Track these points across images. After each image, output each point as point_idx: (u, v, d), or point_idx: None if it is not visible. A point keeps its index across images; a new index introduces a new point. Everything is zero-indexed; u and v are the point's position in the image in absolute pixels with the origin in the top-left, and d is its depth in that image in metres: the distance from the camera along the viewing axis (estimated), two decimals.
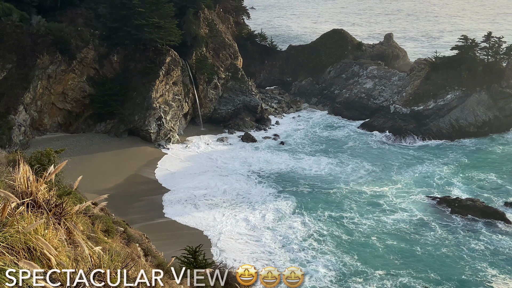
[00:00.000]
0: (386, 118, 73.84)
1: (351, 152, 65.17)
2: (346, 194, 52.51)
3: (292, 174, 57.83)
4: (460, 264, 40.11)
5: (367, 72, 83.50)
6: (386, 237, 44.12)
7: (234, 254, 41.35)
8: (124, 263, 6.73)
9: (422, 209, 49.54)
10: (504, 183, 55.83)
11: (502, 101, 72.69)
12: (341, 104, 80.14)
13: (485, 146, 67.51)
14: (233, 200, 51.09)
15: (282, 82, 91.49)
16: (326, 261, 40.42)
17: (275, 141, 69.07)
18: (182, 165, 59.51)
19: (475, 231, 45.42)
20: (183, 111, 69.94)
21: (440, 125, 71.46)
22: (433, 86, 74.34)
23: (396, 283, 37.70)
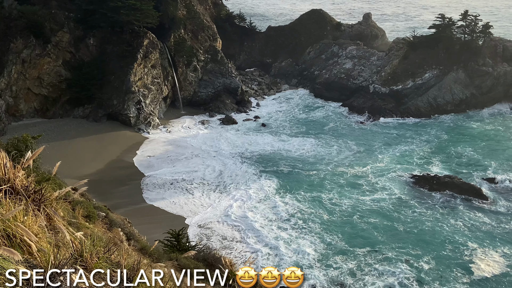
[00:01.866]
0: (366, 98, 74.37)
1: (333, 132, 65.73)
2: (328, 175, 53.04)
3: (275, 156, 58.08)
4: (440, 239, 41.12)
5: (347, 53, 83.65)
6: (367, 215, 44.85)
7: (217, 236, 41.58)
8: (106, 247, 6.71)
9: (402, 187, 50.39)
10: (480, 158, 57.10)
11: (479, 79, 73.75)
12: (321, 85, 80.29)
13: (461, 123, 68.74)
14: (215, 182, 51.16)
15: (262, 64, 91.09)
16: (310, 240, 40.97)
17: (256, 123, 69.06)
18: (163, 149, 59.16)
19: (453, 207, 46.47)
20: (163, 95, 69.24)
21: (419, 104, 72.34)
22: (411, 66, 74.98)
23: (379, 258, 38.54)
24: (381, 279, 36.17)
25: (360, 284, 35.68)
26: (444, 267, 37.50)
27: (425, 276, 36.46)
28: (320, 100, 78.04)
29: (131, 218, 32.44)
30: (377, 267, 37.47)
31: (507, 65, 74.60)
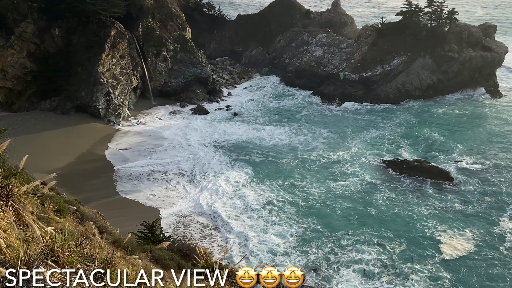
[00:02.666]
0: (336, 86, 75.04)
1: (306, 120, 66.25)
2: (301, 162, 53.50)
3: (248, 145, 58.18)
4: (411, 222, 42.15)
5: (316, 40, 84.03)
6: (340, 201, 45.53)
7: (192, 226, 41.50)
8: (78, 241, 6.61)
9: (372, 172, 51.28)
10: (447, 142, 58.61)
11: (445, 65, 75.29)
12: (292, 73, 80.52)
13: (429, 108, 70.24)
14: (189, 172, 50.95)
15: (233, 53, 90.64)
16: (285, 226, 41.37)
17: (228, 112, 68.88)
18: (134, 140, 58.41)
19: (422, 190, 47.62)
20: (132, 85, 68.17)
21: (388, 90, 73.48)
22: (380, 52, 75.92)
23: (353, 241, 39.32)
24: (355, 261, 36.89)
25: (334, 267, 36.31)
26: (415, 248, 38.52)
27: (396, 258, 37.36)
28: (291, 88, 78.37)
29: (104, 211, 32.02)
30: (351, 250, 38.21)
31: (472, 50, 76.34)
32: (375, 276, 35.53)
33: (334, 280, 35.11)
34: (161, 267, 11.15)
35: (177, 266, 11.60)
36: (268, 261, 36.98)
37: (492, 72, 77.54)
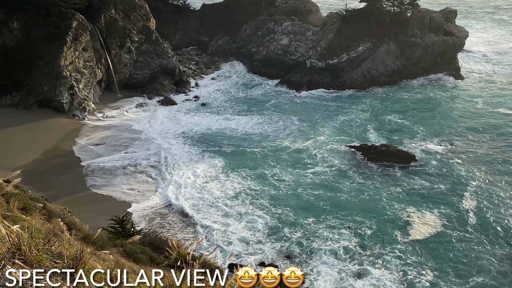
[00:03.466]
0: (303, 73, 75.48)
1: (276, 108, 66.52)
2: (271, 151, 53.76)
3: (218, 135, 58.04)
4: (381, 205, 43.10)
5: (282, 28, 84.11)
6: (311, 188, 46.06)
7: (164, 218, 41.22)
8: (46, 239, 6.48)
9: (341, 158, 52.04)
10: (412, 126, 60.03)
11: (409, 50, 76.71)
12: (259, 62, 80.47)
13: (394, 94, 71.61)
14: (159, 165, 50.46)
15: (199, 43, 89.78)
16: (258, 215, 41.59)
17: (196, 103, 68.40)
18: (101, 134, 57.35)
19: (390, 174, 48.68)
20: (97, 78, 66.72)
21: (354, 77, 74.42)
22: (345, 39, 76.67)
23: (324, 227, 39.97)
24: (327, 245, 37.50)
25: (307, 253, 36.83)
26: (385, 231, 39.46)
27: (367, 241, 38.20)
28: (258, 77, 78.41)
29: (74, 207, 31.40)
30: (323, 235, 38.82)
31: (434, 35, 78.00)
32: (347, 259, 36.25)
33: (307, 265, 35.62)
34: (133, 261, 11.06)
35: (149, 260, 11.53)
36: (242, 249, 37.21)
37: (454, 56, 79.52)
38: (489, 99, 68.71)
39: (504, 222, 40.53)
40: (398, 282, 34.03)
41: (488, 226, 39.95)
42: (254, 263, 35.79)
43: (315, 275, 34.60)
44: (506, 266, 35.63)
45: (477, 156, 52.24)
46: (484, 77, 78.53)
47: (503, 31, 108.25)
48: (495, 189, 45.65)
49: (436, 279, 34.29)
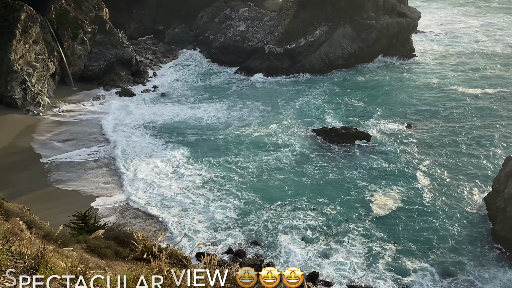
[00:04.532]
0: (262, 59, 75.51)
1: (237, 95, 66.42)
2: (234, 138, 53.81)
3: (180, 125, 57.54)
4: (343, 185, 44.10)
5: (239, 15, 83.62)
6: (275, 173, 46.52)
7: (130, 211, 40.71)
8: (4, 239, 6.31)
9: (303, 142, 52.68)
10: (369, 107, 61.41)
11: (364, 32, 77.89)
12: (217, 49, 79.87)
13: (351, 76, 72.76)
14: (122, 157, 49.58)
15: (155, 32, 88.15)
16: (225, 202, 41.79)
17: (155, 93, 67.36)
18: (59, 129, 55.71)
19: (351, 155, 49.73)
20: (50, 72, 64.50)
21: (312, 61, 75.05)
22: (302, 24, 77.03)
23: (290, 210, 40.72)
24: (293, 228, 38.13)
25: (274, 236, 37.31)
26: (348, 210, 40.50)
27: (332, 221, 39.09)
28: (217, 64, 77.94)
29: (35, 204, 30.53)
30: (289, 218, 39.47)
31: (388, 17, 79.46)
32: (313, 240, 37.00)
33: (275, 248, 36.14)
34: (97, 256, 10.90)
35: (114, 254, 11.40)
36: (210, 237, 37.33)
37: (408, 37, 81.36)
38: (443, 79, 70.89)
39: (457, 197, 42.31)
40: (364, 258, 35.08)
41: (443, 201, 41.61)
42: (221, 250, 35.97)
43: (283, 258, 35.15)
44: (463, 237, 37.28)
45: (432, 134, 54.02)
46: (438, 57, 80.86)
47: (454, 11, 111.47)
48: (448, 165, 47.49)
49: (398, 254, 35.55)
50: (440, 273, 33.73)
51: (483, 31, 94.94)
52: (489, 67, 74.86)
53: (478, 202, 41.63)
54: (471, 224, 38.98)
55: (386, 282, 33.04)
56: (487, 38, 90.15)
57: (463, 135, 53.48)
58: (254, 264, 32.21)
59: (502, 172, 40.68)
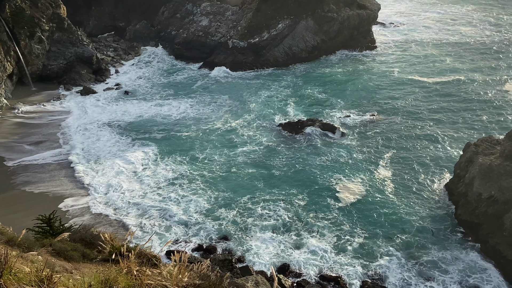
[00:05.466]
0: (226, 54, 75.28)
1: (203, 91, 66.05)
2: (201, 134, 53.55)
3: (147, 122, 56.87)
4: (310, 177, 44.63)
5: (201, 10, 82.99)
6: (244, 167, 46.64)
7: (96, 211, 39.95)
8: None
9: (270, 136, 52.94)
10: (333, 99, 62.29)
11: (326, 25, 78.75)
12: (180, 45, 79.09)
13: (315, 69, 73.51)
14: (88, 157, 48.62)
15: (115, 29, 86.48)
16: (196, 198, 41.63)
17: (118, 91, 66.15)
18: (20, 131, 53.99)
19: (316, 147, 50.32)
20: (7, 72, 62.36)
21: (276, 54, 75.35)
22: (265, 18, 77.15)
23: (259, 202, 41.01)
24: (263, 221, 38.33)
25: (243, 230, 37.43)
26: (316, 200, 41.06)
27: (301, 212, 39.55)
28: (181, 60, 77.23)
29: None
30: (258, 211, 39.64)
31: (349, 9, 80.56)
32: (284, 232, 37.36)
33: (246, 242, 36.27)
34: (64, 259, 10.70)
35: (82, 256, 11.21)
36: (180, 234, 37.11)
37: (368, 29, 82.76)
38: (404, 68, 72.56)
39: (420, 183, 43.54)
40: (333, 247, 35.72)
41: (406, 189, 42.76)
42: (192, 247, 35.85)
43: (254, 251, 35.33)
44: (427, 222, 38.42)
45: (393, 123, 55.29)
46: (398, 47, 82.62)
47: (413, 3, 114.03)
48: (410, 153, 48.78)
49: (366, 240, 36.37)
50: (406, 257, 34.72)
51: (440, 22, 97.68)
52: (446, 56, 77.10)
53: (440, 188, 42.96)
54: (434, 209, 40.23)
55: (355, 268, 33.78)
56: (444, 29, 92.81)
57: (423, 123, 54.97)
58: (225, 259, 32.25)
59: (463, 158, 42.06)
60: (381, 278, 33.05)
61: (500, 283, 32.59)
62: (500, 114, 56.88)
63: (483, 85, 65.51)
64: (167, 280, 9.58)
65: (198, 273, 10.67)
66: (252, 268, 31.71)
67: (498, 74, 69.44)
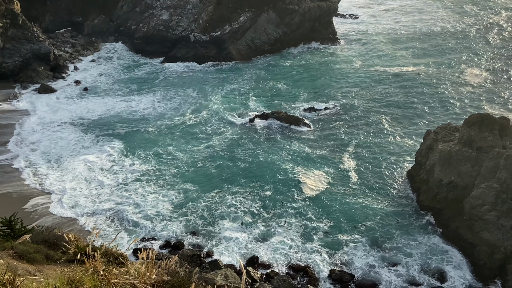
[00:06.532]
0: (188, 48, 74.56)
1: (165, 85, 65.18)
2: (165, 129, 53.03)
3: (111, 119, 55.88)
4: (274, 168, 45.03)
5: (161, 3, 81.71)
6: (209, 161, 46.57)
7: (60, 212, 39.01)
8: None
9: (233, 129, 52.96)
10: (295, 91, 62.93)
11: (288, 17, 79.06)
12: (141, 39, 77.69)
13: (276, 62, 73.69)
14: (51, 156, 47.36)
15: (73, 24, 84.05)
16: (161, 194, 41.30)
17: (77, 88, 64.45)
18: None
19: (281, 139, 50.67)
20: None
21: (239, 47, 75.16)
22: (226, 11, 76.74)
23: (227, 195, 41.16)
24: (230, 214, 38.42)
25: (211, 223, 37.41)
26: (282, 191, 41.56)
27: (268, 203, 39.91)
28: (142, 55, 75.88)
29: None
30: (226, 205, 39.75)
31: (309, 1, 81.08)
32: (252, 224, 37.55)
33: (214, 237, 36.29)
34: (27, 262, 10.40)
35: (45, 258, 10.92)
36: (149, 231, 36.74)
37: (329, 21, 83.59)
38: (365, 60, 73.78)
39: (383, 172, 44.67)
40: (300, 237, 36.20)
41: (369, 178, 43.75)
42: (160, 244, 35.55)
43: (223, 245, 35.36)
44: (390, 209, 39.46)
45: (356, 114, 56.29)
46: (358, 38, 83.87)
47: None
48: (373, 143, 49.87)
49: (331, 229, 37.08)
50: (371, 244, 35.58)
51: (401, 12, 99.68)
52: (407, 46, 78.90)
53: (402, 175, 44.11)
54: (397, 196, 41.31)
55: (322, 256, 34.41)
56: (406, 19, 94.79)
57: (385, 113, 56.16)
58: (194, 255, 32.14)
59: (423, 146, 43.28)
60: (347, 264, 33.75)
61: (460, 263, 34.00)
62: (457, 102, 58.77)
63: (441, 74, 67.45)
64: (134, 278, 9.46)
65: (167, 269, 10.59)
66: (221, 262, 31.76)
67: (455, 63, 71.65)
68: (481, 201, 35.07)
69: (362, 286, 32.12)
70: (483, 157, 37.72)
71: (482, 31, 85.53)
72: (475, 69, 69.27)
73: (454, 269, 33.51)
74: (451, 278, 32.73)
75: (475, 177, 37.34)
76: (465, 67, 70.03)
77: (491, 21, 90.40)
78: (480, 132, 38.96)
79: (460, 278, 32.78)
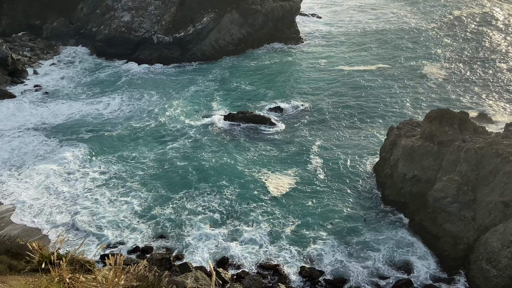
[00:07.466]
0: (152, 50, 73.77)
1: (128, 89, 64.10)
2: (132, 132, 52.32)
3: (74, 123, 54.69)
4: (240, 169, 45.15)
5: (122, 5, 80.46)
6: (175, 162, 46.22)
7: (23, 221, 37.89)
8: None
9: (199, 129, 52.80)
10: (260, 91, 63.18)
11: (251, 17, 79.27)
12: (102, 42, 76.29)
13: (241, 62, 73.80)
14: (13, 163, 45.88)
15: (30, 27, 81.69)
16: (128, 199, 40.74)
17: (38, 93, 62.72)
18: None
19: (247, 139, 50.87)
20: None
21: (203, 48, 74.87)
22: (189, 11, 76.30)
23: (194, 196, 41.04)
24: (198, 216, 38.28)
25: (180, 227, 37.18)
26: (249, 192, 41.84)
27: (235, 203, 40.00)
28: (104, 58, 74.53)
29: None
30: (193, 206, 39.62)
31: (272, 1, 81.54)
32: (221, 224, 37.56)
33: (183, 239, 36.07)
34: None
35: (8, 268, 10.63)
36: (115, 237, 36.13)
37: (292, 20, 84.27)
38: (329, 59, 74.76)
39: (349, 170, 45.39)
40: (269, 235, 36.45)
41: (336, 176, 44.39)
42: (128, 249, 35.05)
43: (193, 247, 35.19)
44: (357, 206, 40.19)
45: (322, 113, 56.99)
46: (322, 38, 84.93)
47: None
48: (338, 141, 50.64)
49: (299, 228, 37.47)
50: (339, 240, 36.14)
51: (362, 11, 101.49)
52: (369, 45, 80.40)
53: (368, 171, 44.95)
54: (364, 192, 42.08)
55: (291, 254, 34.72)
56: (366, 17, 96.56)
57: (351, 111, 57.10)
58: (163, 258, 31.83)
59: (387, 141, 44.24)
60: (317, 261, 34.18)
61: (425, 253, 35.06)
62: (418, 97, 60.36)
63: (403, 70, 69.10)
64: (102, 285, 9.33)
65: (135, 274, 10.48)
66: (191, 264, 31.58)
67: (416, 59, 73.53)
68: (443, 194, 36.14)
69: (331, 281, 32.58)
70: (444, 151, 38.88)
71: (440, 28, 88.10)
72: (433, 65, 71.29)
73: (420, 260, 34.45)
74: (417, 269, 33.62)
75: (437, 171, 38.45)
76: (425, 63, 71.94)
77: (446, 20, 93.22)
78: (441, 127, 40.14)
79: (426, 269, 33.73)
